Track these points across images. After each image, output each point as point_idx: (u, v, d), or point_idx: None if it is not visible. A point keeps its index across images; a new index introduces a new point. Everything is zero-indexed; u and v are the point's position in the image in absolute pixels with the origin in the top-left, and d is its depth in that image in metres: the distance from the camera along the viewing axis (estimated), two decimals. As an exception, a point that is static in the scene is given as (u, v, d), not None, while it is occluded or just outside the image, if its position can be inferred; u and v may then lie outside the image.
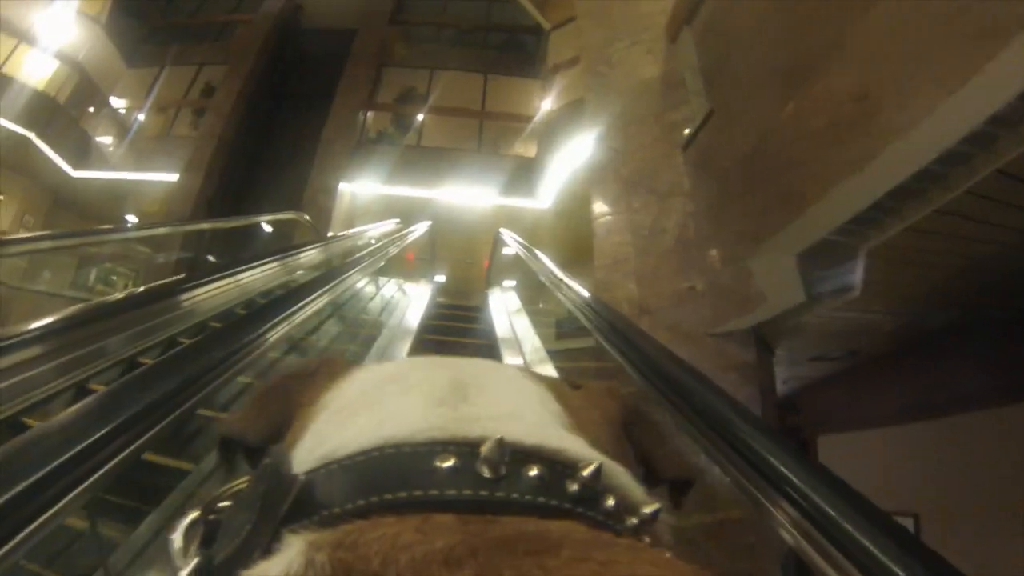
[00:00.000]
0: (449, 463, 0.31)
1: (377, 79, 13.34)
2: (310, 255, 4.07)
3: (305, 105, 12.84)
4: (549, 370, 3.63)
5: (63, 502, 0.76)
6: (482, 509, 0.29)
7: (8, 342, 1.34)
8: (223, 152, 11.80)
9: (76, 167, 12.55)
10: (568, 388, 0.48)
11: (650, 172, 4.75)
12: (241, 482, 0.36)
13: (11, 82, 11.21)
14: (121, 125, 14.04)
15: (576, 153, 10.06)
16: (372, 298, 5.74)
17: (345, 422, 0.37)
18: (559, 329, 5.96)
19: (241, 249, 9.08)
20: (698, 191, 4.34)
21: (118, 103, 14.33)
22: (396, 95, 13.53)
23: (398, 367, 0.44)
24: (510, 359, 3.90)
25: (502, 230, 6.71)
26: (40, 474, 0.73)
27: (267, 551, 0.28)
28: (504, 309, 5.60)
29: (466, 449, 0.32)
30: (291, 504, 0.30)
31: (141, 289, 2.15)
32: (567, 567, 0.25)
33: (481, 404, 0.37)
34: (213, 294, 2.34)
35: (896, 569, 0.74)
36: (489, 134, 12.96)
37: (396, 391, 0.39)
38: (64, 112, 12.38)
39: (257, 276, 2.98)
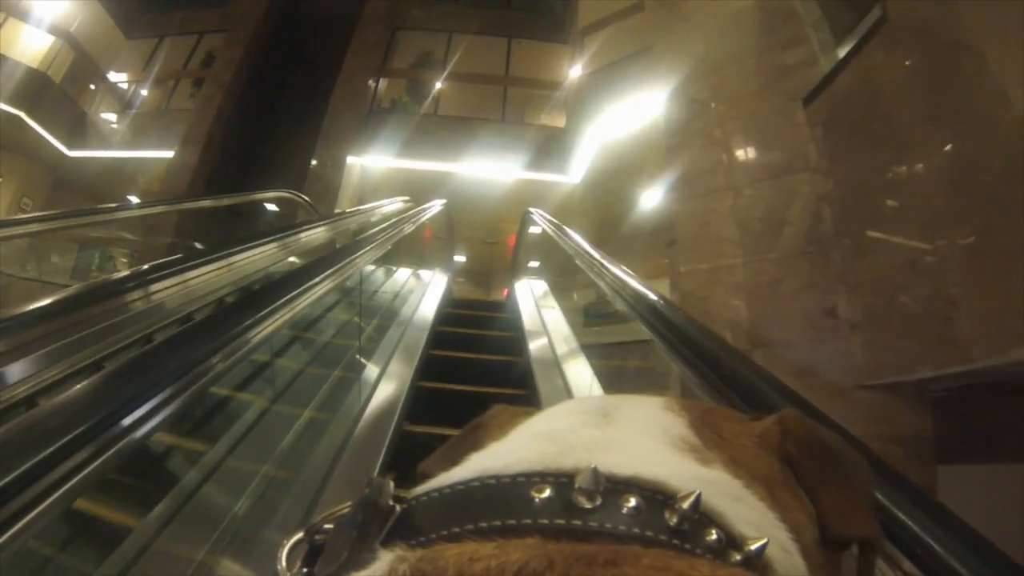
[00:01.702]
0: (544, 494, 0.30)
1: (390, 44, 12.32)
2: (278, 246, 2.96)
3: (313, 73, 11.87)
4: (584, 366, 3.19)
5: (73, 481, 0.76)
6: (571, 537, 0.28)
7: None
8: (222, 125, 10.94)
9: (71, 146, 12.12)
10: (727, 416, 0.44)
11: (758, 135, 3.54)
12: (344, 508, 0.37)
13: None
14: (121, 100, 13.47)
15: (613, 122, 9.05)
16: (374, 293, 4.69)
17: (468, 461, 0.37)
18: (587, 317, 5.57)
19: (236, 232, 8.19)
20: (840, 163, 3.08)
21: (117, 77, 13.69)
22: (411, 61, 12.50)
23: (547, 413, 0.45)
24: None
25: (532, 210, 5.59)
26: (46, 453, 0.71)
27: (364, 567, 0.29)
28: (541, 318, 4.51)
29: (563, 479, 0.31)
30: (392, 528, 0.32)
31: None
32: (644, 573, 0.25)
33: (587, 435, 0.37)
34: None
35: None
36: (514, 103, 12.02)
37: (523, 434, 0.40)
38: (56, 89, 11.90)
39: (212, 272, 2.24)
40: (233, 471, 2.23)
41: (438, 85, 12.11)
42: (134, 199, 11.73)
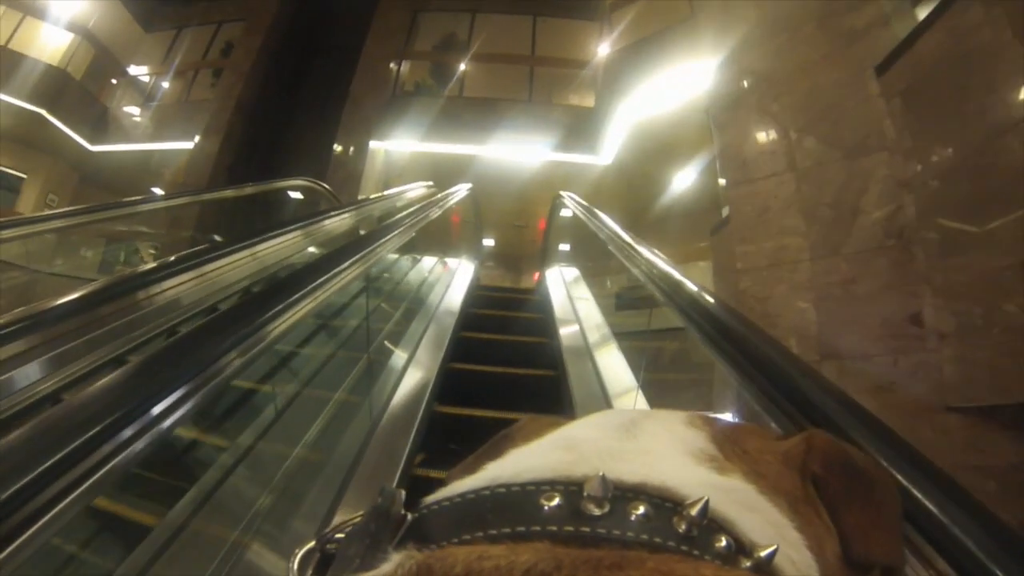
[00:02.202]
0: (554, 502, 0.31)
1: (412, 26, 11.98)
2: (296, 236, 2.77)
3: (334, 60, 11.63)
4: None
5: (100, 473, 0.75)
6: (580, 543, 0.29)
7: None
8: (243, 115, 10.77)
9: (94, 141, 12.16)
10: (741, 428, 0.45)
11: (823, 109, 3.18)
12: (356, 517, 0.37)
13: (19, 57, 10.86)
14: (142, 94, 13.43)
15: (645, 100, 8.74)
16: (397, 283, 4.48)
17: (484, 470, 0.37)
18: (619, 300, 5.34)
19: (257, 223, 8.05)
20: (924, 141, 2.69)
21: (138, 71, 13.63)
22: (434, 43, 12.18)
23: (570, 425, 0.45)
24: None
25: (563, 193, 5.32)
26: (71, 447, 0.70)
27: (373, 568, 0.30)
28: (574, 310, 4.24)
29: (573, 488, 0.31)
30: (403, 538, 0.32)
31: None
32: None
33: (603, 446, 0.37)
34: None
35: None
36: (540, 83, 11.62)
37: (541, 444, 0.40)
38: (76, 85, 11.96)
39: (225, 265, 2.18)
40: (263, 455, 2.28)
41: (462, 67, 11.74)
42: (159, 191, 11.71)
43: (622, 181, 10.26)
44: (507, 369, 3.11)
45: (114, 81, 13.25)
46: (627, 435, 0.39)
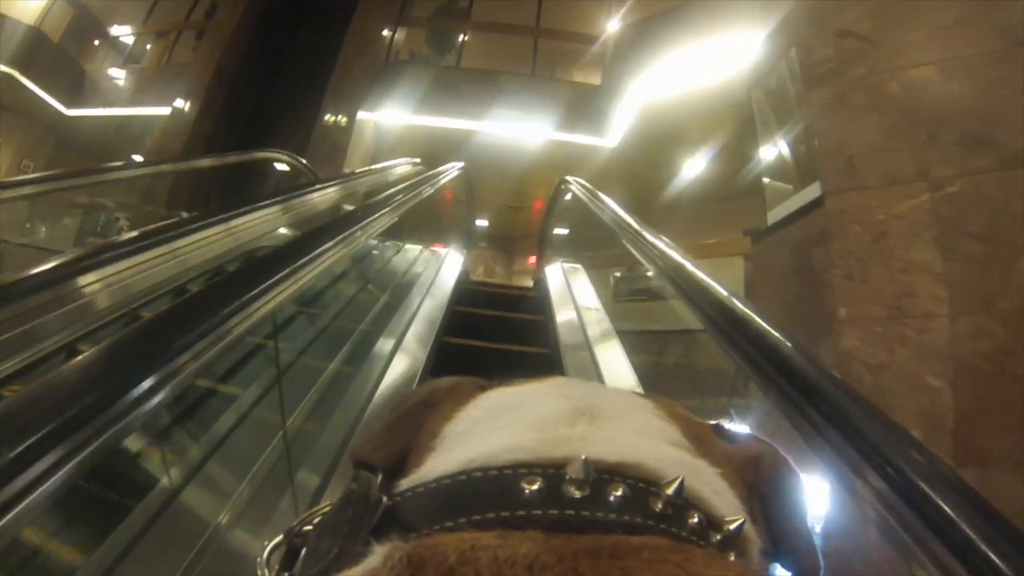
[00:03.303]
0: (535, 485, 0.31)
1: (410, -10, 11.20)
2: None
3: (325, 24, 10.87)
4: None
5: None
6: (567, 528, 0.29)
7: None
8: (225, 79, 10.04)
9: (70, 105, 11.57)
10: (703, 426, 0.46)
11: (968, 95, 2.42)
12: (323, 507, 0.37)
13: None
14: (122, 56, 12.84)
15: (659, 79, 8.14)
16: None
17: (448, 449, 0.38)
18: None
19: (232, 198, 7.45)
20: None
21: (121, 31, 12.95)
22: (432, 10, 11.42)
23: (520, 394, 0.44)
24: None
25: (569, 179, 4.68)
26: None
27: (356, 562, 0.29)
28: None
29: (552, 470, 0.32)
30: (378, 525, 0.31)
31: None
32: (647, 567, 0.26)
33: (579, 427, 0.37)
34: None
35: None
36: (544, 57, 10.91)
37: (505, 417, 0.40)
38: (52, 46, 11.38)
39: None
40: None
41: (461, 37, 11.09)
42: (138, 158, 11.25)
43: (628, 165, 9.67)
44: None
45: (96, 43, 12.63)
46: (597, 412, 0.39)
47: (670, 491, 0.31)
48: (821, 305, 2.70)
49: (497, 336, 3.42)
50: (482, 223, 12.68)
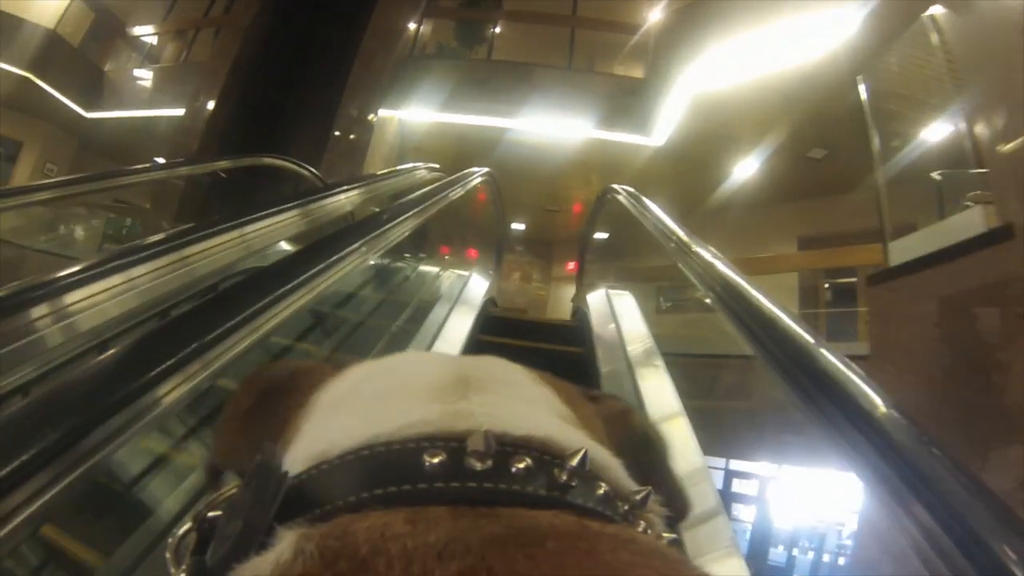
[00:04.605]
0: (438, 458, 0.31)
1: (437, -21, 10.64)
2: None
3: (347, 15, 10.32)
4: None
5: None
6: (472, 502, 0.29)
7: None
8: (241, 76, 9.56)
9: (89, 108, 11.51)
10: (581, 394, 0.46)
11: None
12: (231, 488, 0.36)
13: (6, 18, 10.11)
14: (141, 56, 12.86)
15: (714, 69, 7.42)
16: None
17: (336, 421, 0.37)
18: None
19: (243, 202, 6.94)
20: None
21: (141, 31, 12.83)
22: (460, 0, 10.99)
23: (391, 362, 0.44)
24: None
25: (615, 187, 3.95)
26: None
27: (262, 548, 0.28)
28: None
29: (454, 444, 0.31)
30: (283, 504, 0.30)
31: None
32: (552, 557, 0.26)
33: (476, 399, 0.37)
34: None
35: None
36: (581, 49, 10.24)
37: (390, 387, 0.39)
38: (71, 49, 11.41)
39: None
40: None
41: (492, 28, 10.53)
42: (161, 160, 10.98)
43: (675, 166, 8.88)
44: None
45: (116, 43, 12.54)
46: (485, 386, 0.38)
47: (574, 462, 0.31)
48: (989, 394, 1.85)
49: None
50: (518, 226, 12.09)
